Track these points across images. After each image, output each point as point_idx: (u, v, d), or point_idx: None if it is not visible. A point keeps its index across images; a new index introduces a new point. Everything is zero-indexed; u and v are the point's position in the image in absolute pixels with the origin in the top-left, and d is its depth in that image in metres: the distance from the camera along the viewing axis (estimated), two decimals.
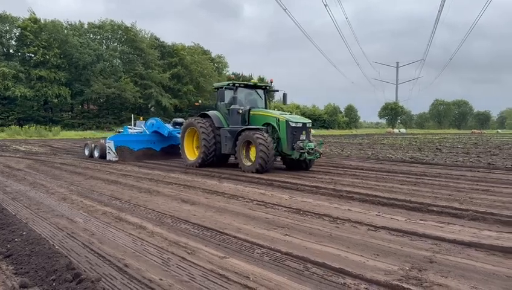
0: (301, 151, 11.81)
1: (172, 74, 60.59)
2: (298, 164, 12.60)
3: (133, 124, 18.96)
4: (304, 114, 79.98)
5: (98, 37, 59.61)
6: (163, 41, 64.55)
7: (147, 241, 4.87)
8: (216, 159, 13.26)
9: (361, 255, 4.36)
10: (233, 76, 16.23)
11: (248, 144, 12.06)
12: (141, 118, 20.55)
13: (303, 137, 12.20)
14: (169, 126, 16.52)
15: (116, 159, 15.43)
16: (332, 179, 10.59)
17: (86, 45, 53.62)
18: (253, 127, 12.27)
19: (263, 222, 5.91)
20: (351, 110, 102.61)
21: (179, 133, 15.41)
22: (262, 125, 12.45)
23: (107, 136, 20.14)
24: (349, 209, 6.78)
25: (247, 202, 7.46)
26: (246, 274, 3.77)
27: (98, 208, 6.78)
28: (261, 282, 3.59)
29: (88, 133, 44.33)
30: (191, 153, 13.99)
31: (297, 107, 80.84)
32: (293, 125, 12.08)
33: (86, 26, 58.86)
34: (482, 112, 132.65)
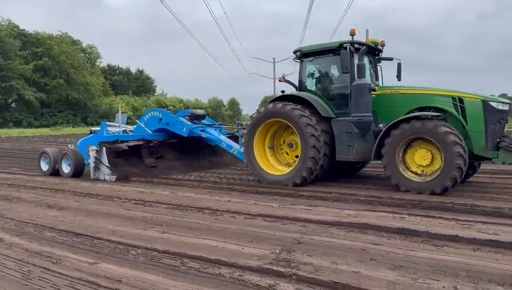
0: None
1: (37, 65, 54.32)
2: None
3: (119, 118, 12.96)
4: (187, 108, 79.55)
5: None
6: (24, 30, 57.47)
7: (3, 254, 4.32)
8: (324, 171, 8.28)
9: (237, 244, 4.50)
10: (354, 30, 8.04)
11: (408, 144, 7.29)
12: (123, 110, 13.99)
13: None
14: (186, 121, 11.24)
15: (113, 177, 9.53)
16: (215, 172, 10.75)
17: None
18: (420, 114, 7.25)
19: (140, 221, 5.71)
20: (234, 104, 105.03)
21: (203, 130, 11.00)
22: (410, 111, 7.61)
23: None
24: (229, 201, 6.94)
25: (123, 202, 7.11)
26: (118, 278, 3.59)
27: None
28: (134, 284, 3.46)
29: None
30: (265, 162, 8.77)
31: (181, 101, 79.75)
32: (499, 108, 7.27)
33: None
34: None
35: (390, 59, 9.06)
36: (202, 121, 11.58)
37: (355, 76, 7.88)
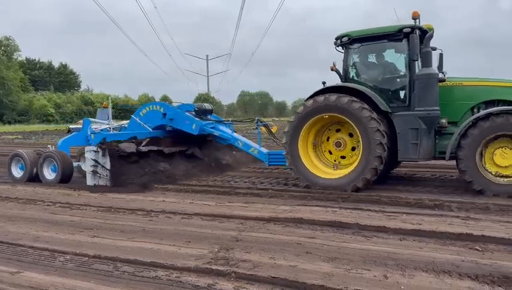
0: None
1: None
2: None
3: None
4: (115, 104, 76.13)
5: None
6: None
7: None
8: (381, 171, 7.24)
9: (173, 245, 4.39)
10: (418, 12, 6.97)
11: (487, 143, 6.50)
12: (105, 104, 12.41)
13: None
14: (194, 117, 9.80)
15: (109, 181, 8.13)
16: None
17: None
18: (501, 109, 6.54)
19: (67, 225, 5.36)
20: (166, 101, 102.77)
21: (213, 127, 9.70)
22: (476, 105, 6.99)
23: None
24: (163, 201, 6.75)
25: (47, 205, 6.62)
26: (45, 287, 3.34)
27: None
28: None
29: None
30: (311, 164, 7.56)
31: (107, 97, 76.26)
32: None
33: None
34: (280, 101, 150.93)
35: (434, 49, 7.45)
36: (209, 116, 10.24)
37: (419, 65, 7.16)
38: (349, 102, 6.90)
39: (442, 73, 7.14)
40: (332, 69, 7.86)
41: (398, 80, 7.55)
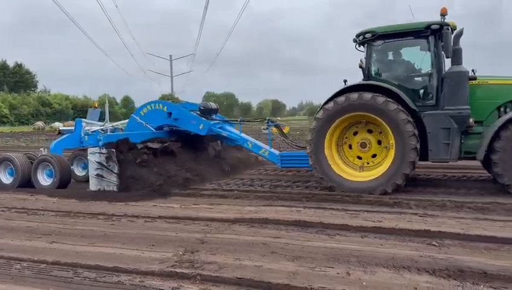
0: None
1: None
2: None
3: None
4: (74, 105, 73.66)
5: None
6: None
7: None
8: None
9: (137, 249, 4.31)
10: (446, 9, 6.69)
11: None
12: (96, 104, 11.76)
13: None
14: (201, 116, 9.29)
15: (117, 186, 7.53)
16: None
17: None
18: None
19: (24, 231, 5.13)
20: (128, 102, 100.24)
21: (221, 127, 9.22)
22: (503, 104, 6.87)
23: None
24: (126, 204, 6.60)
25: (2, 211, 6.32)
26: None
27: None
28: None
29: None
30: (336, 165, 7.19)
31: (67, 98, 73.68)
32: None
33: None
34: (245, 102, 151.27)
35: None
36: (214, 116, 9.72)
37: (455, 62, 6.80)
38: (385, 102, 6.63)
39: (473, 71, 6.88)
40: (360, 66, 7.48)
41: (424, 77, 7.35)
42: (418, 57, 7.45)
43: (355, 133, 7.31)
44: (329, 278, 3.41)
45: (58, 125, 49.56)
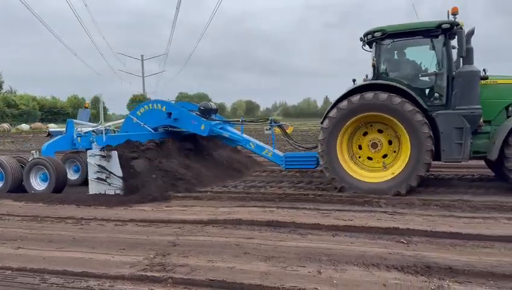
0: None
1: None
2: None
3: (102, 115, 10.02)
4: (42, 107, 71.46)
5: None
6: None
7: None
8: None
9: (106, 253, 4.22)
10: (457, 8, 6.72)
11: None
12: (87, 104, 11.37)
13: None
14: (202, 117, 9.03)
15: (120, 190, 7.25)
16: None
17: None
18: None
19: None
20: (98, 102, 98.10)
21: (222, 128, 9.02)
22: (510, 104, 6.98)
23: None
24: (95, 208, 6.45)
25: None
26: None
27: None
28: None
29: None
30: (347, 166, 7.07)
31: (34, 99, 71.38)
32: None
33: None
34: (219, 103, 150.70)
35: (454, 47, 7.33)
36: (213, 116, 9.50)
37: (466, 62, 6.79)
38: (401, 103, 6.55)
39: (484, 70, 6.84)
40: (373, 65, 7.37)
41: (434, 77, 7.25)
42: (428, 56, 7.37)
43: (365, 134, 7.20)
44: (300, 277, 3.44)
45: (25, 127, 47.91)
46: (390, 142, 7.06)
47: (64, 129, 9.37)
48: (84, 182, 8.63)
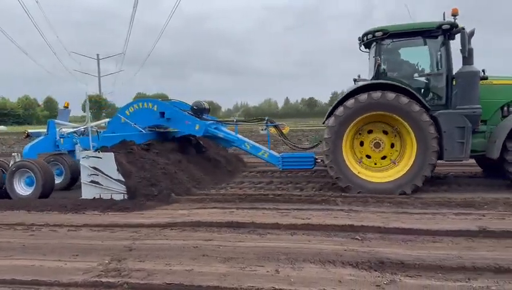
0: None
1: None
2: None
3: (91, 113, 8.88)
4: None
5: None
6: None
7: None
8: None
9: (59, 260, 4.06)
10: (457, 9, 6.83)
11: None
12: (67, 104, 10.30)
13: None
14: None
15: (122, 195, 6.73)
16: None
17: None
18: None
19: None
20: (51, 103, 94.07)
21: (217, 128, 8.82)
22: (506, 104, 7.22)
23: None
24: (47, 213, 6.19)
25: None
26: None
27: None
28: None
29: None
30: (352, 165, 7.07)
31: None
32: None
33: None
34: None
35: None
36: (205, 116, 9.20)
37: (467, 62, 6.87)
38: (409, 103, 6.60)
39: (483, 71, 6.97)
40: (378, 65, 7.32)
41: (434, 77, 7.38)
42: (427, 56, 7.51)
43: (369, 132, 7.23)
44: (259, 277, 3.47)
45: None
46: (392, 145, 7.14)
47: (43, 130, 8.92)
48: (68, 186, 8.43)
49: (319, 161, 7.99)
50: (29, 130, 9.91)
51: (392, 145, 7.14)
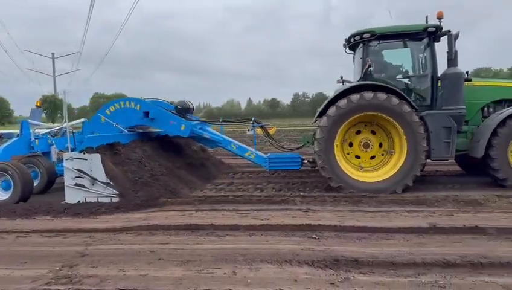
0: None
1: None
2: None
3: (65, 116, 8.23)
4: None
5: None
6: None
7: None
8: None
9: (6, 268, 3.86)
10: (442, 13, 7.11)
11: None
12: (38, 103, 9.81)
13: None
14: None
15: (113, 198, 6.42)
16: None
17: None
18: None
19: None
20: (2, 103, 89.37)
21: (202, 129, 8.66)
22: (486, 105, 7.50)
23: None
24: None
25: None
26: None
27: None
28: None
29: None
30: (344, 165, 7.12)
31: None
32: None
33: None
34: None
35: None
36: (189, 116, 9.03)
37: (452, 64, 7.04)
38: (400, 104, 6.74)
39: (467, 73, 7.23)
40: (369, 66, 7.42)
41: (420, 78, 7.57)
42: (413, 58, 7.69)
43: (357, 132, 7.35)
44: (215, 279, 3.44)
45: None
46: (380, 145, 7.30)
47: (15, 131, 8.50)
48: (45, 190, 8.01)
49: (306, 161, 8.08)
50: (1, 131, 9.53)
51: (381, 145, 7.31)
